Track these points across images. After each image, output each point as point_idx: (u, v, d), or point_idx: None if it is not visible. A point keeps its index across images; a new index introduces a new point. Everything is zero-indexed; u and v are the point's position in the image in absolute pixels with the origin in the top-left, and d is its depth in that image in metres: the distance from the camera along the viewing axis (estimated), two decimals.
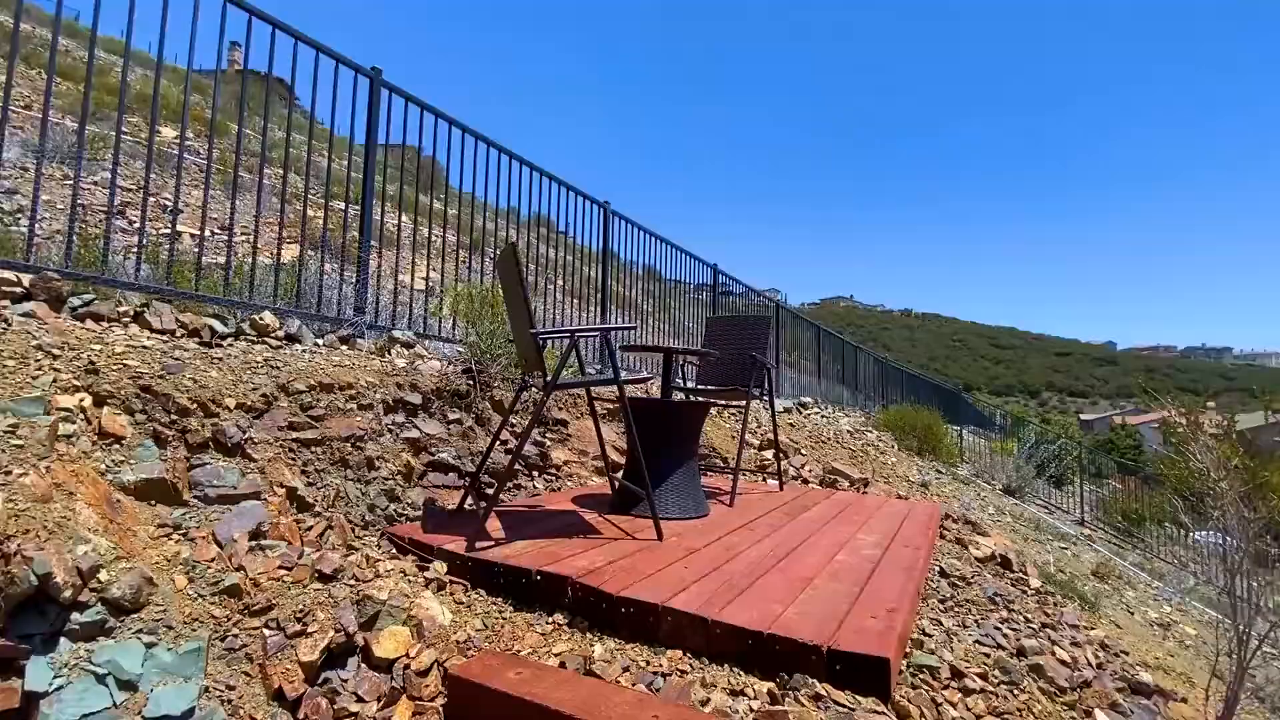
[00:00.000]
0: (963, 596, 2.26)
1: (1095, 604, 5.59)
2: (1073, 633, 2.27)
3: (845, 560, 2.30)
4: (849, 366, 15.29)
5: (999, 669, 1.68)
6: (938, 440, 10.67)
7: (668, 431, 2.89)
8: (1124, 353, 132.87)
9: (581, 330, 2.36)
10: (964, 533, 3.52)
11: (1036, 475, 12.51)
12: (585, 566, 1.98)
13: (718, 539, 2.52)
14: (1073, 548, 8.65)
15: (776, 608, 1.74)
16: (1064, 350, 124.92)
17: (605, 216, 5.82)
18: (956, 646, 1.78)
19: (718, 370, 3.89)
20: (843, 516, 3.17)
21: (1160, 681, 4.64)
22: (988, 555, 3.16)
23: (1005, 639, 1.88)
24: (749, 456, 5.08)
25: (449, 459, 2.82)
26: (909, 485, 6.61)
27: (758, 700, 1.42)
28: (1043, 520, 9.71)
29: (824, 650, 1.48)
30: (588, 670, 1.56)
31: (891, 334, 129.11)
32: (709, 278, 8.62)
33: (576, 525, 2.55)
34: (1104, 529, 13.83)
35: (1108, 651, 2.70)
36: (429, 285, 4.31)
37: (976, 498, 8.63)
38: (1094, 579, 7.35)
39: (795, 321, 12.61)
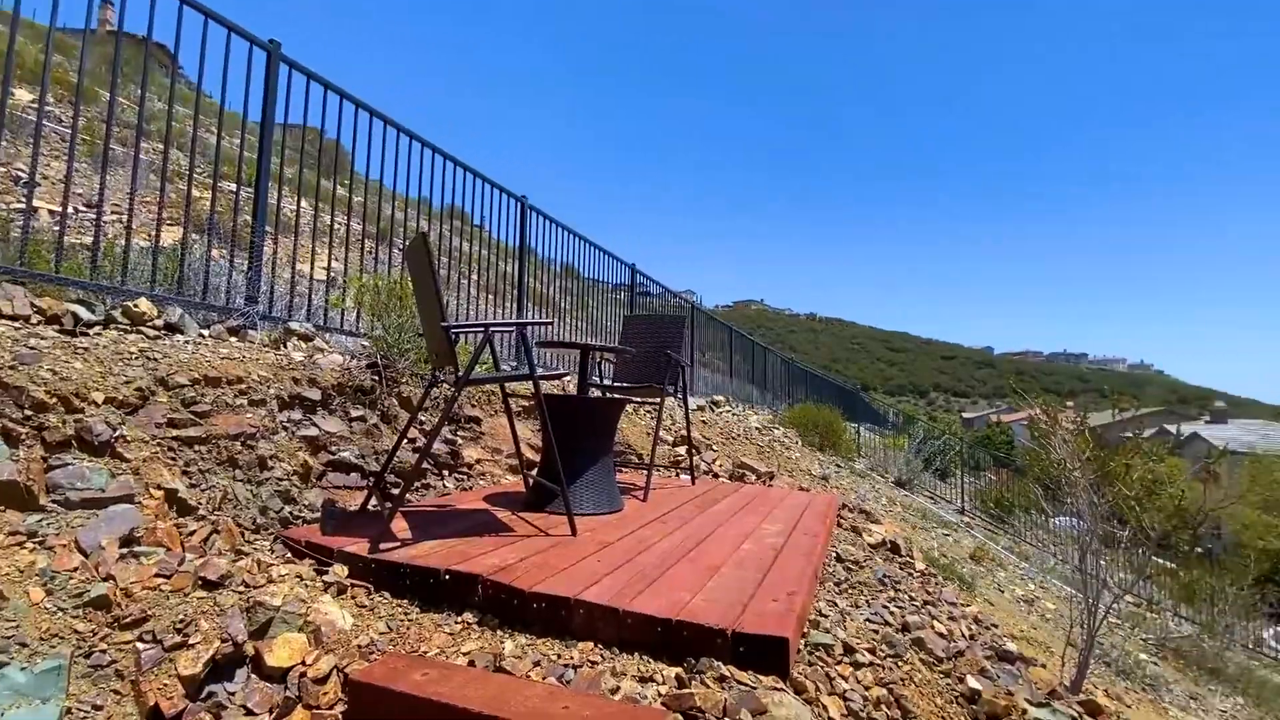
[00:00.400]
0: (856, 579, 2.43)
1: (972, 584, 6.15)
2: (950, 609, 2.50)
3: (750, 549, 2.41)
4: (759, 366, 15.90)
5: (886, 644, 1.83)
6: (837, 436, 11.33)
7: (584, 428, 2.91)
8: (1000, 357, 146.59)
9: (496, 325, 2.33)
10: (859, 521, 3.77)
11: (924, 468, 13.53)
12: (497, 564, 1.96)
13: (631, 533, 2.56)
14: (954, 534, 9.46)
15: (685, 596, 1.80)
16: (949, 354, 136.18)
17: (522, 211, 5.74)
18: (849, 625, 1.91)
19: (634, 368, 3.94)
20: (749, 508, 3.30)
21: (1024, 651, 5.17)
22: (879, 541, 3.40)
23: (892, 616, 2.04)
24: (663, 452, 5.18)
25: (351, 458, 2.69)
26: (811, 478, 6.98)
27: (666, 685, 1.46)
28: (929, 509, 10.55)
29: (729, 634, 1.55)
30: (498, 667, 1.55)
31: (798, 336, 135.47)
32: (627, 277, 8.70)
33: (488, 524, 2.51)
34: (981, 516, 15.18)
35: (980, 625, 2.98)
36: (331, 276, 4.08)
37: (871, 489, 9.24)
38: (971, 562, 8.08)
39: (710, 322, 12.97)
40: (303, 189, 3.70)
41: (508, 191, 5.48)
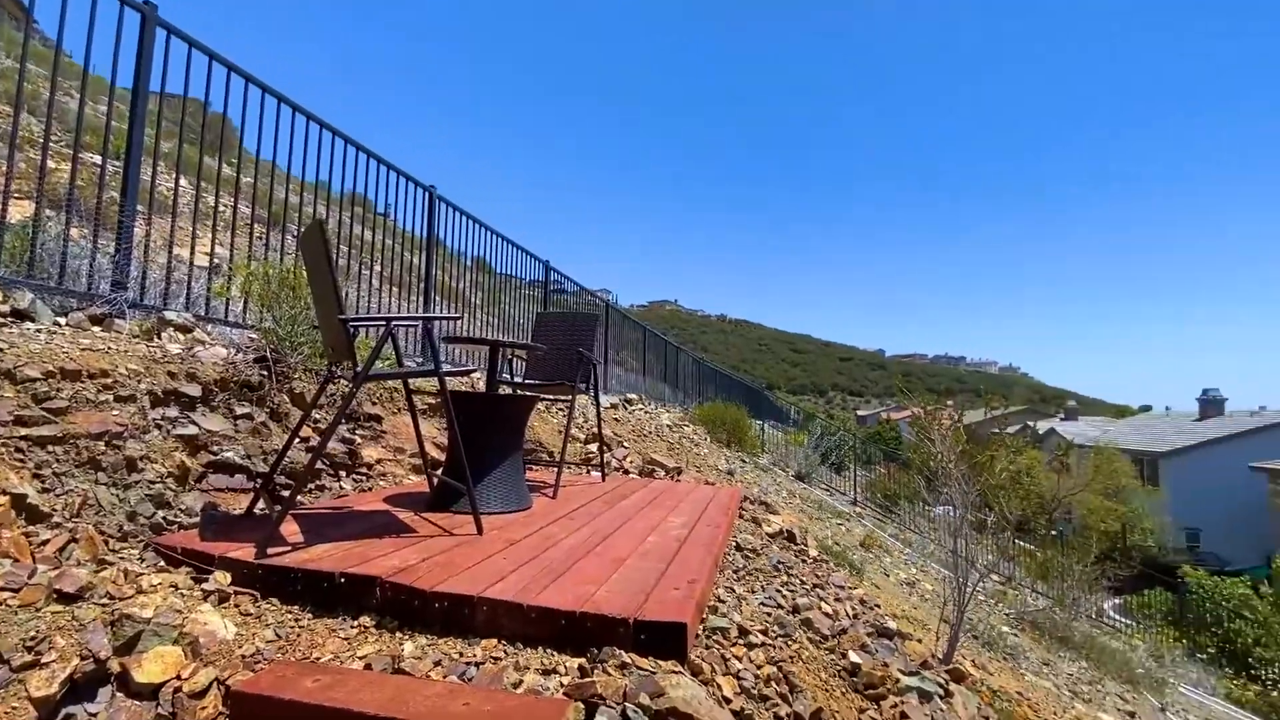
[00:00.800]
0: (753, 566, 2.57)
1: (860, 569, 6.62)
2: (838, 592, 2.70)
3: (656, 541, 2.48)
4: (671, 365, 16.22)
5: (777, 625, 1.95)
6: (744, 433, 11.79)
7: (492, 425, 2.87)
8: (891, 359, 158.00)
9: (399, 318, 2.26)
10: (759, 513, 3.96)
11: (821, 463, 14.33)
12: (397, 565, 1.91)
13: (539, 529, 2.57)
14: (847, 523, 10.12)
15: (591, 588, 1.84)
16: (846, 356, 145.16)
17: (430, 201, 5.55)
18: (745, 609, 2.02)
19: (546, 365, 3.93)
20: (657, 502, 3.39)
21: (903, 628, 5.61)
22: (777, 531, 3.60)
23: (784, 600, 2.18)
24: (575, 450, 5.20)
25: (236, 459, 2.51)
26: (718, 473, 7.24)
27: (568, 676, 1.49)
28: (824, 501, 11.22)
29: (631, 622, 1.61)
30: (397, 669, 1.51)
31: (709, 337, 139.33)
32: (541, 274, 8.62)
33: (389, 525, 2.43)
34: (871, 506, 16.29)
35: (865, 606, 3.23)
36: (215, 262, 3.77)
37: (773, 483, 9.70)
38: (861, 549, 8.67)
39: (624, 322, 13.10)
40: (182, 165, 3.39)
41: (415, 181, 5.29)
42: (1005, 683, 5.48)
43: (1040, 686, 6.20)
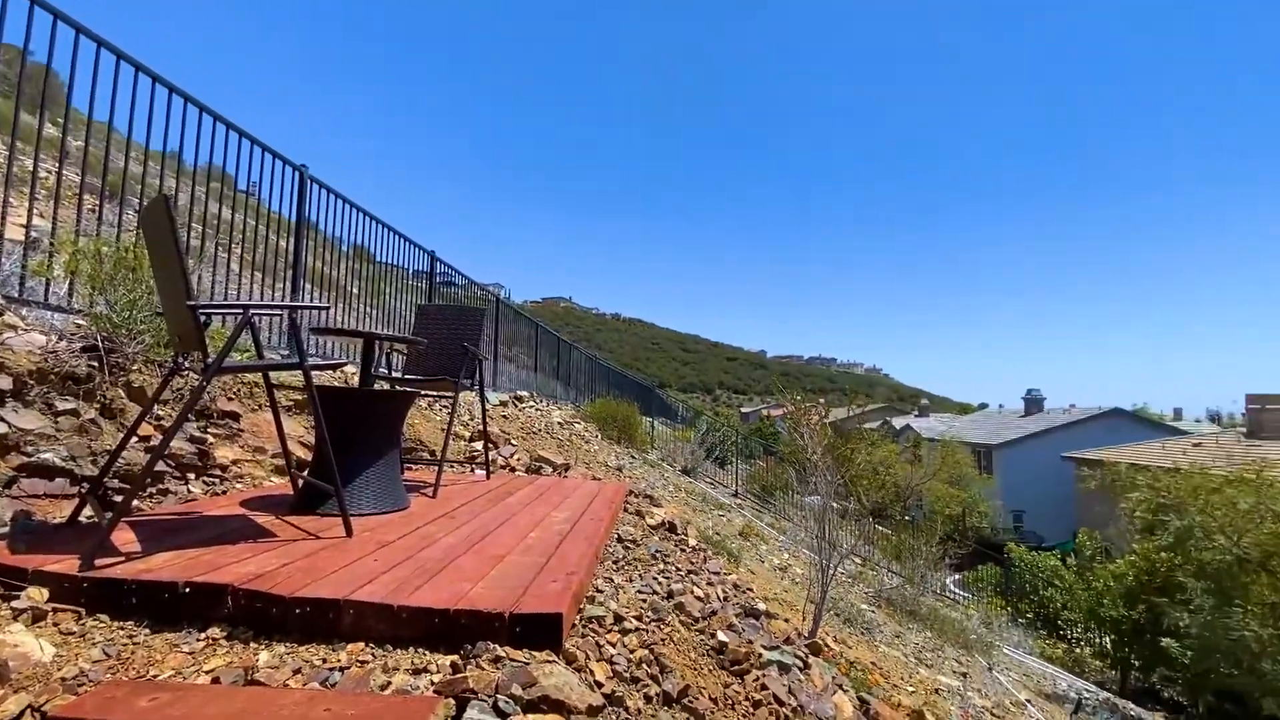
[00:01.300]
0: (633, 556, 2.66)
1: (738, 556, 6.99)
2: (712, 577, 2.86)
3: (538, 536, 2.50)
4: (564, 362, 16.16)
5: (651, 610, 2.04)
6: (634, 430, 12.01)
7: (366, 422, 2.74)
8: (772, 359, 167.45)
9: (259, 306, 2.10)
10: (643, 506, 4.08)
11: (706, 457, 14.91)
12: (252, 572, 1.78)
13: (415, 529, 2.49)
14: (728, 514, 10.63)
15: (467, 585, 1.82)
16: (732, 356, 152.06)
17: (301, 181, 5.15)
18: (621, 597, 2.10)
19: (428, 360, 3.80)
20: (542, 499, 3.40)
21: (773, 609, 5.99)
22: (660, 523, 3.73)
23: (660, 586, 2.29)
24: (459, 448, 5.05)
25: (57, 460, 2.22)
26: (607, 470, 7.34)
27: (440, 674, 1.48)
28: (708, 494, 11.71)
29: (507, 616, 1.62)
30: (250, 680, 1.42)
31: (604, 335, 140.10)
32: (426, 264, 8.26)
33: (245, 530, 2.25)
34: (751, 498, 17.16)
35: (738, 590, 3.44)
36: (32, 236, 3.26)
37: (660, 478, 9.98)
38: (740, 537, 9.16)
39: (516, 317, 12.86)
40: None
41: (285, 159, 4.89)
42: (861, 654, 6.03)
43: (891, 656, 6.89)
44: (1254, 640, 7.73)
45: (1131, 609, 12.10)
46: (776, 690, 1.98)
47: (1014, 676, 9.37)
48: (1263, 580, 7.89)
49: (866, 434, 30.90)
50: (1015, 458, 28.39)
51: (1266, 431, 19.49)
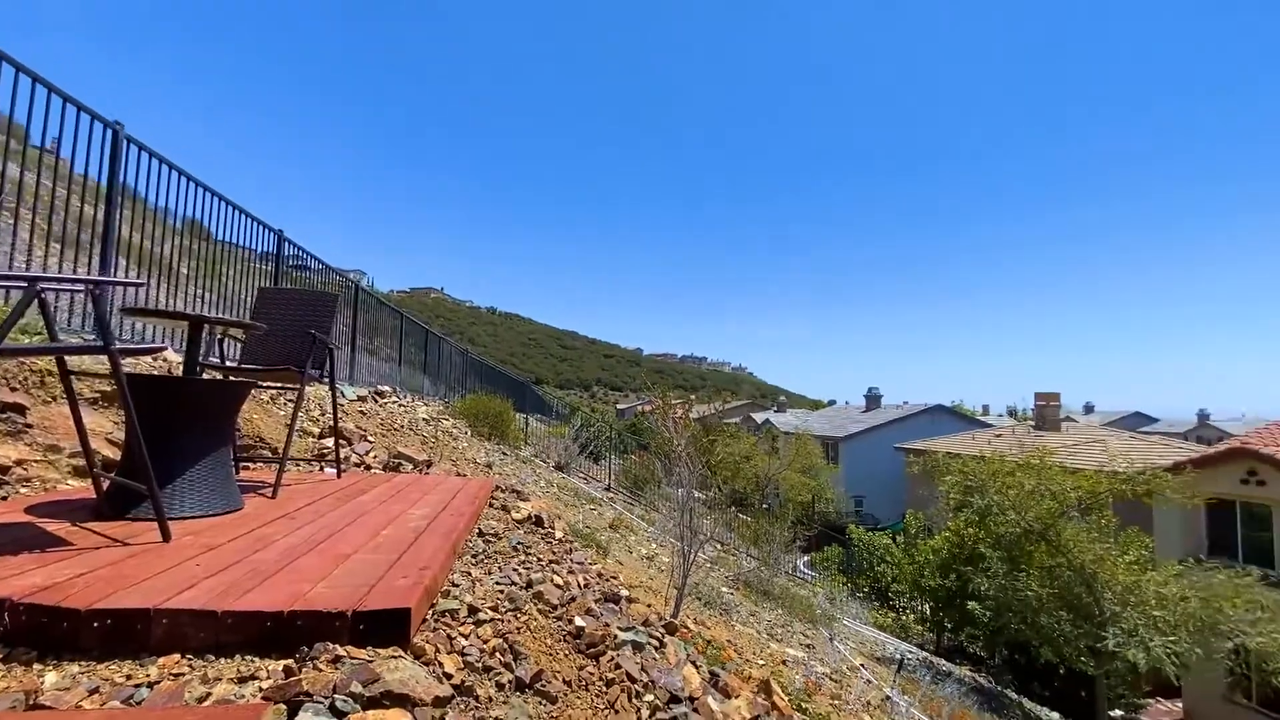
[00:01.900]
0: (494, 549, 2.64)
1: (606, 547, 7.13)
2: (575, 566, 2.91)
3: (391, 533, 2.40)
4: (433, 356, 15.45)
5: (508, 600, 2.05)
6: (506, 426, 11.78)
7: (190, 415, 2.46)
8: (647, 357, 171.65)
9: (48, 279, 1.81)
10: (510, 500, 4.04)
11: (580, 453, 14.99)
12: (38, 584, 1.55)
13: (250, 531, 2.29)
14: (599, 508, 10.78)
15: (306, 586, 1.72)
16: (610, 353, 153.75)
17: (115, 142, 4.48)
18: (478, 589, 2.08)
19: (269, 348, 3.48)
20: (400, 496, 3.25)
21: (639, 595, 6.16)
22: (526, 517, 3.72)
23: (519, 577, 2.29)
24: (308, 445, 4.67)
25: None
26: (475, 466, 7.14)
27: (270, 680, 1.39)
28: (581, 488, 11.78)
29: (349, 614, 1.55)
30: (33, 705, 1.25)
31: (478, 329, 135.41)
32: (273, 245, 7.52)
33: (31, 539, 1.94)
34: (624, 492, 17.50)
35: (601, 578, 3.52)
36: None
37: (532, 473, 9.89)
38: (610, 530, 9.34)
39: (380, 306, 12.08)
40: None
41: (95, 114, 4.22)
42: (718, 633, 6.42)
43: (746, 633, 7.40)
44: (1034, 599, 9.23)
45: (946, 578, 13.95)
46: (629, 668, 2.07)
47: (851, 645, 10.43)
48: (1042, 548, 9.44)
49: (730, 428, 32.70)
50: (857, 448, 31.51)
51: (1048, 424, 23.33)
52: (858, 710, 5.88)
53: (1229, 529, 12.94)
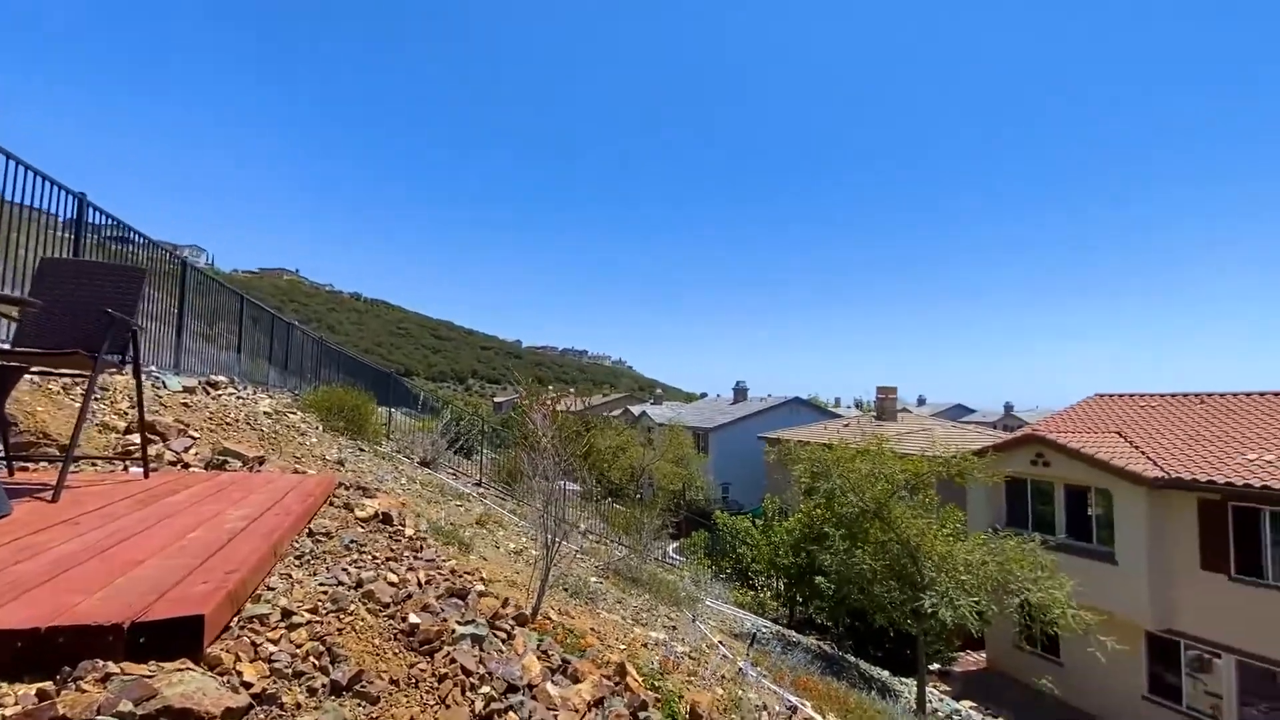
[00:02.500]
0: (323, 549, 2.48)
1: (469, 544, 6.94)
2: (415, 562, 2.81)
3: (201, 536, 2.17)
4: (281, 344, 14.13)
5: (331, 601, 1.94)
6: (365, 420, 11.04)
7: None
8: (527, 349, 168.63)
9: None
10: (354, 498, 3.81)
11: (449, 448, 14.45)
12: None
13: (14, 540, 1.97)
14: (467, 504, 10.45)
15: (77, 598, 1.51)
16: (487, 345, 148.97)
17: None
18: (298, 591, 1.95)
19: (55, 328, 2.98)
20: (220, 496, 2.95)
21: (501, 590, 6.07)
22: (372, 514, 3.52)
23: (348, 576, 2.18)
24: (109, 441, 4.07)
25: None
26: (324, 463, 6.63)
27: (18, 706, 1.21)
28: (448, 485, 11.35)
29: (125, 626, 1.39)
30: None
31: (340, 315, 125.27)
32: (73, 212, 6.45)
33: None
34: (496, 486, 17.10)
35: (455, 574, 3.43)
36: None
37: (393, 470, 9.37)
38: (477, 526, 9.11)
39: (216, 288, 10.80)
40: None
41: None
42: (582, 622, 6.50)
43: (611, 620, 7.54)
44: (869, 571, 10.29)
45: (797, 557, 15.15)
46: (466, 662, 2.04)
47: (713, 624, 11.01)
48: (876, 525, 10.54)
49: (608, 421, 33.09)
50: (725, 438, 33.24)
51: (887, 415, 26.07)
52: (711, 683, 6.23)
53: (1022, 503, 15.27)
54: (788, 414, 33.80)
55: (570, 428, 5.37)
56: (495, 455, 18.88)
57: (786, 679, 8.00)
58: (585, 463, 25.68)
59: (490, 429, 20.67)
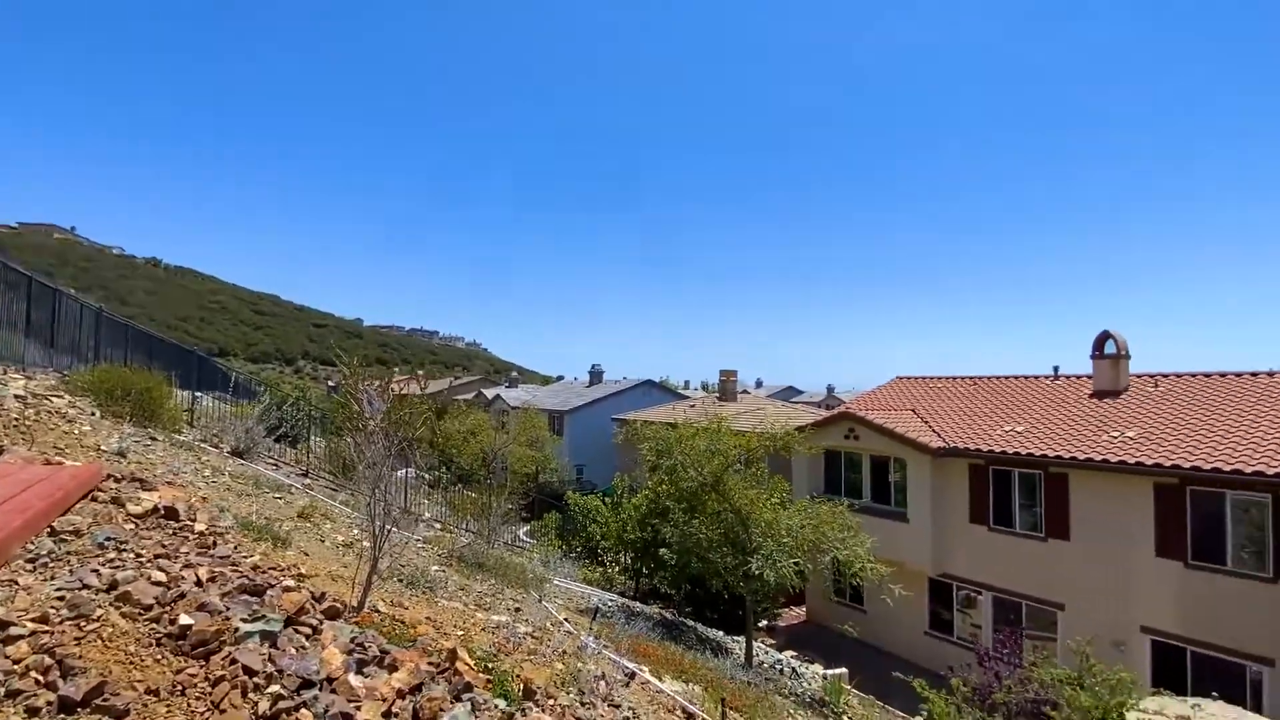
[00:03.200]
0: (69, 550, 2.12)
1: (287, 539, 6.35)
2: (200, 559, 2.50)
3: None
4: (45, 315, 11.77)
5: (69, 607, 1.67)
6: (158, 405, 9.57)
7: None
8: (369, 329, 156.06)
9: None
10: (128, 491, 3.31)
11: (268, 435, 13.05)
12: None
13: None
14: (287, 496, 9.50)
15: None
16: (321, 322, 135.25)
17: None
18: (21, 600, 1.65)
19: None
20: None
21: (326, 585, 5.66)
22: (149, 509, 3.08)
23: (98, 578, 1.88)
24: None
25: None
26: (96, 454, 5.65)
27: None
28: (265, 476, 10.24)
29: None
30: None
31: (132, 283, 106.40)
32: None
33: None
34: (327, 476, 15.78)
35: (258, 571, 3.11)
36: None
37: (194, 460, 8.25)
38: (299, 519, 8.34)
39: None
40: None
41: None
42: (417, 612, 6.24)
43: (451, 608, 7.33)
44: (706, 539, 11.02)
45: (644, 531, 15.80)
46: (249, 661, 1.87)
47: (560, 602, 11.14)
48: (713, 497, 11.29)
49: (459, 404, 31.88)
50: (580, 420, 33.57)
51: (728, 396, 27.96)
52: (551, 659, 6.31)
53: (837, 472, 17.26)
54: (640, 396, 34.90)
55: (407, 409, 5.03)
56: (328, 443, 17.38)
57: (625, 647, 8.36)
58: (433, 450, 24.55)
59: (320, 414, 18.96)
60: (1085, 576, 12.47)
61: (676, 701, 6.71)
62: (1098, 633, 10.83)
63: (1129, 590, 11.89)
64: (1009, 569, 13.69)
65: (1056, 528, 12.96)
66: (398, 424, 5.26)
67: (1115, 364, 14.89)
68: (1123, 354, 14.90)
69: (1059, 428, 13.87)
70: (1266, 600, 10.20)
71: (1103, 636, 11.18)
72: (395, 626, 5.14)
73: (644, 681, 7.11)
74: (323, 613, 2.91)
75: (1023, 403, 15.84)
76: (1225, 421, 12.00)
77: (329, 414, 19.88)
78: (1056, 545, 12.95)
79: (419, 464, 5.91)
